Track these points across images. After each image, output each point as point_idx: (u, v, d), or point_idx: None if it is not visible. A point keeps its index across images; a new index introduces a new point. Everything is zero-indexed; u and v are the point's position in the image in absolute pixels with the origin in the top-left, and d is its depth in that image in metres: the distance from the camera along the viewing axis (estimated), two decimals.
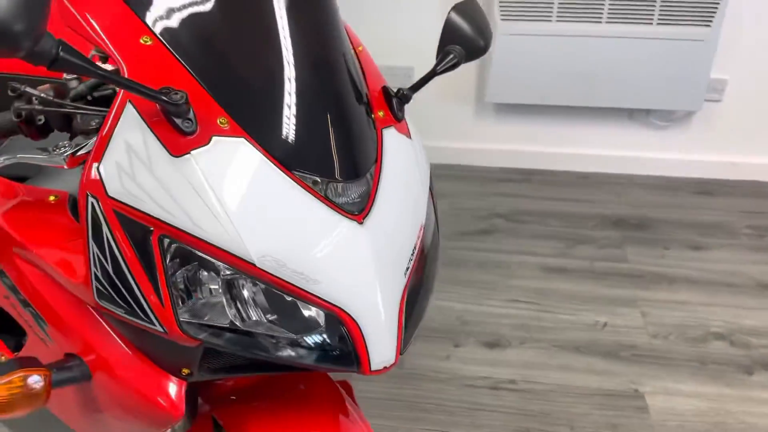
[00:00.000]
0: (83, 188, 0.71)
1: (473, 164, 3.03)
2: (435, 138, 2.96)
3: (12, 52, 0.58)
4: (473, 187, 2.88)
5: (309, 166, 0.76)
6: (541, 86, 2.70)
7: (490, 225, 2.59)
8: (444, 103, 2.95)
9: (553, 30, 2.57)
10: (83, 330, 0.81)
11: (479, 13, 1.05)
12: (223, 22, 0.79)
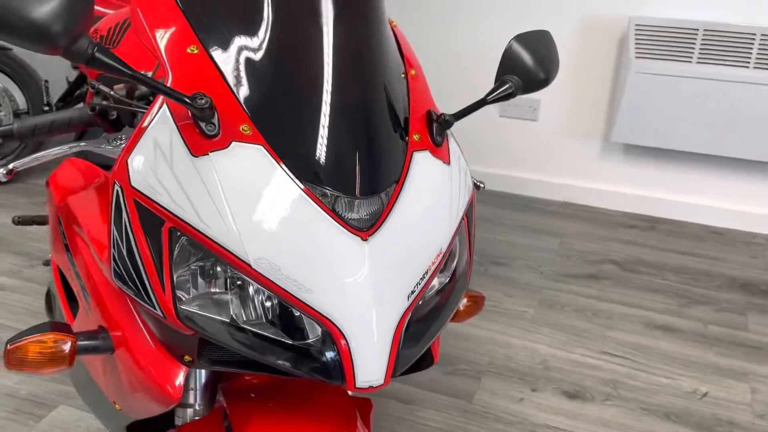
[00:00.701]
0: (113, 176, 0.79)
1: (594, 205, 2.90)
2: (556, 173, 2.88)
3: (50, 49, 0.67)
4: (590, 228, 2.75)
5: (320, 179, 0.79)
6: (674, 130, 2.52)
7: (599, 270, 2.45)
8: (569, 138, 2.85)
9: (692, 72, 2.40)
10: (113, 306, 0.89)
11: (545, 44, 1.02)
12: (266, 37, 0.84)
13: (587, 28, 2.63)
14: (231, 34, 0.84)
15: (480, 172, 3.06)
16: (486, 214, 2.86)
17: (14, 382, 1.85)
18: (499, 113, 2.91)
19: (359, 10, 0.91)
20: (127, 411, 0.97)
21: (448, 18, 2.81)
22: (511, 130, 2.92)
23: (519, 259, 2.52)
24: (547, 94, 2.80)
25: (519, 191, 3.03)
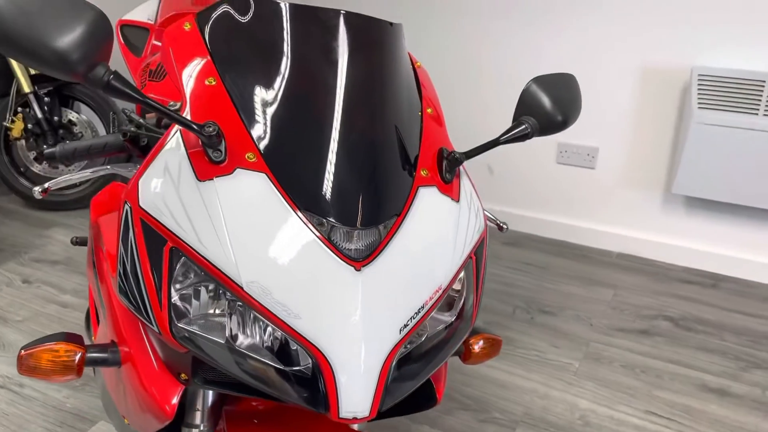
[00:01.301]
0: (124, 196, 0.84)
1: (652, 258, 2.79)
2: (613, 223, 2.80)
3: (70, 75, 0.73)
4: (647, 282, 2.64)
5: (319, 208, 0.81)
6: (738, 184, 2.42)
7: (652, 326, 2.35)
8: (628, 188, 2.78)
9: (757, 124, 2.30)
10: (124, 322, 0.93)
11: (566, 86, 1.02)
12: (281, 73, 0.88)
13: (648, 76, 2.58)
14: (248, 68, 0.88)
15: (533, 218, 3.01)
16: (537, 260, 2.80)
17: (63, 395, 1.94)
18: (556, 159, 2.87)
19: (375, 49, 0.94)
20: (133, 425, 1.01)
21: (508, 63, 2.83)
22: (568, 177, 2.88)
23: (568, 309, 2.44)
24: (606, 142, 2.75)
25: (573, 239, 2.96)
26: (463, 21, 2.84)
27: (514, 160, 2.96)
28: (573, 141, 2.81)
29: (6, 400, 1.92)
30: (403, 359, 0.87)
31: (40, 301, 2.44)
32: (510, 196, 3.03)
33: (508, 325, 2.33)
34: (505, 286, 2.59)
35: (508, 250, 2.89)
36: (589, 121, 2.74)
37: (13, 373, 2.03)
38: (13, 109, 3.06)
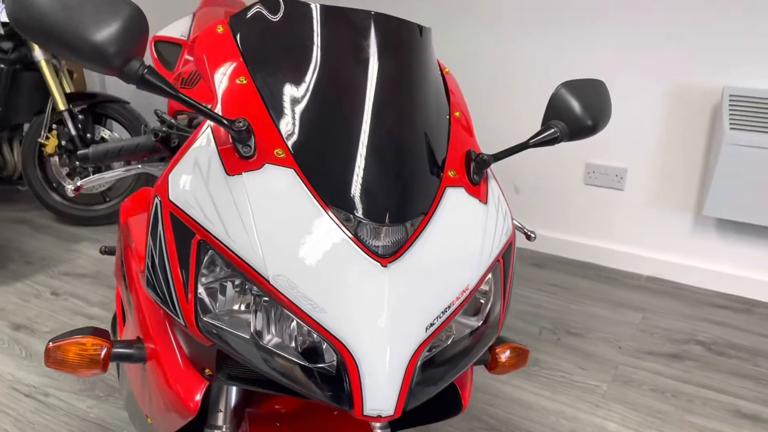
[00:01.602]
0: (154, 190, 0.85)
1: (683, 282, 2.73)
2: (642, 246, 2.76)
3: (106, 69, 0.74)
4: (677, 306, 2.58)
5: (345, 204, 0.81)
6: None
7: (683, 350, 2.29)
8: (658, 210, 2.74)
9: None
10: (151, 319, 0.93)
11: (595, 92, 1.01)
12: (311, 73, 0.89)
13: (678, 96, 2.56)
14: (279, 67, 0.89)
15: (560, 240, 2.98)
16: (564, 282, 2.76)
17: (86, 405, 1.94)
18: (584, 180, 2.85)
19: (404, 51, 0.95)
20: (156, 425, 1.00)
21: (536, 74, 2.83)
22: (596, 199, 2.84)
23: (596, 331, 2.40)
24: (635, 163, 2.72)
25: (601, 262, 2.91)
26: (494, 31, 2.86)
27: (540, 180, 2.94)
28: (601, 162, 2.78)
29: (31, 408, 1.93)
30: (428, 362, 0.86)
31: (67, 313, 2.47)
32: (536, 217, 3.01)
33: (534, 346, 2.29)
34: (531, 306, 2.56)
35: (534, 271, 2.85)
36: (618, 142, 2.72)
37: (40, 383, 2.05)
38: (48, 126, 3.14)
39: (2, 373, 2.10)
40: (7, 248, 3.02)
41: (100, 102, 3.21)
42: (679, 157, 2.63)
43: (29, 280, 2.73)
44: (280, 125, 0.84)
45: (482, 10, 2.84)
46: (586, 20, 2.63)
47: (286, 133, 0.84)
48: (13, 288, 2.66)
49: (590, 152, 2.79)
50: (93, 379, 2.06)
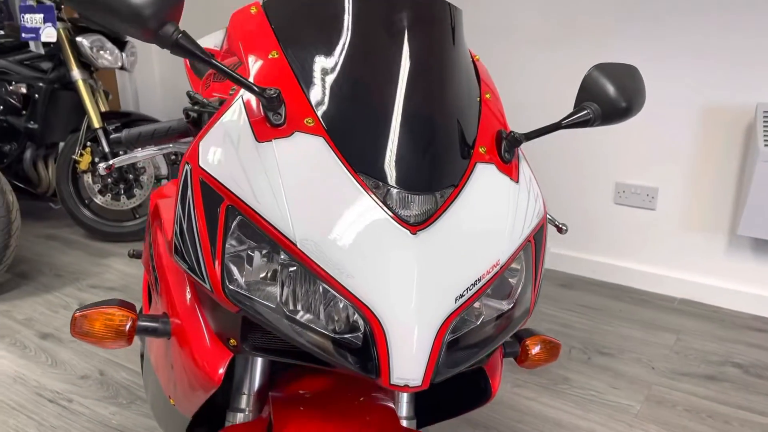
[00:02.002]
0: (185, 158, 0.85)
1: (718, 305, 2.65)
2: (675, 268, 2.70)
3: (141, 32, 0.75)
4: (712, 328, 2.51)
5: (374, 171, 0.80)
6: None
7: (719, 372, 2.21)
8: (690, 230, 2.68)
9: None
10: (177, 295, 0.93)
11: (628, 74, 1.00)
12: (341, 47, 0.89)
13: (710, 113, 2.52)
14: (310, 42, 0.90)
15: (590, 261, 2.92)
16: (594, 303, 2.70)
17: (109, 412, 1.94)
18: (614, 200, 2.81)
19: (436, 26, 0.94)
20: (178, 404, 0.99)
21: (566, 92, 2.82)
22: (627, 219, 2.80)
23: (628, 351, 2.33)
24: (667, 182, 2.68)
25: (632, 284, 2.85)
26: (527, 47, 2.86)
27: (569, 199, 2.91)
28: (631, 181, 2.74)
29: (54, 414, 1.93)
30: (457, 340, 0.83)
31: None
32: (565, 237, 2.96)
33: (564, 365, 2.23)
34: (561, 326, 2.50)
35: (563, 292, 2.80)
36: (649, 160, 2.68)
37: (64, 389, 2.05)
38: (83, 143, 3.20)
39: (28, 379, 2.11)
40: (38, 262, 3.07)
41: (133, 121, 3.27)
42: (713, 176, 2.58)
43: (58, 292, 2.76)
44: (311, 96, 0.84)
45: (497, 26, 2.85)
46: (618, 37, 2.63)
47: (316, 103, 0.84)
48: (43, 299, 2.68)
49: (620, 171, 2.76)
50: (116, 387, 2.06)
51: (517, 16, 2.83)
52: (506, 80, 2.86)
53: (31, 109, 3.23)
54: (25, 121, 3.24)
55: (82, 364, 2.20)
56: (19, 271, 2.95)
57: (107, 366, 2.19)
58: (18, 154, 3.34)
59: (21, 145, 3.32)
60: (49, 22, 3.04)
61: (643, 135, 2.67)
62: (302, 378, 1.00)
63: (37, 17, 3.05)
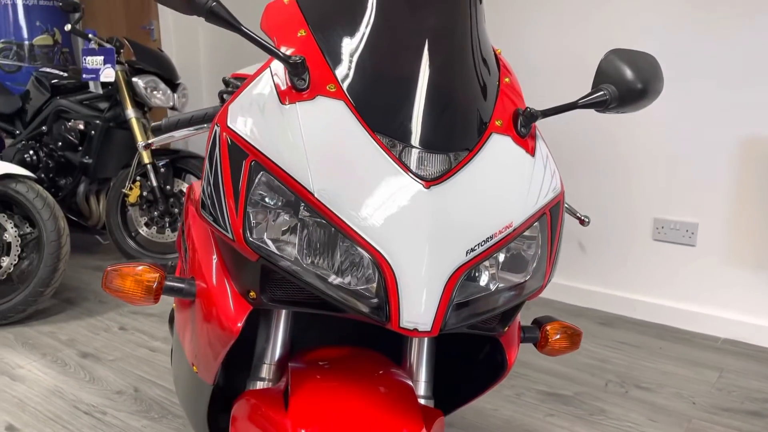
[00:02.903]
0: (215, 120, 0.91)
1: (763, 345, 2.55)
2: (717, 306, 2.63)
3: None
4: (757, 367, 2.41)
5: (391, 130, 0.84)
6: None
7: (765, 408, 2.11)
8: (733, 267, 2.61)
9: None
10: (204, 260, 0.97)
11: (645, 59, 1.02)
12: (365, 23, 0.94)
13: (750, 146, 2.50)
14: (337, 21, 0.96)
15: (628, 299, 2.86)
16: (633, 340, 2.63)
17: (141, 425, 1.96)
18: (652, 236, 2.77)
19: (456, 10, 0.98)
20: (200, 369, 1.01)
21: (605, 131, 2.83)
22: (666, 255, 2.74)
23: (667, 386, 2.25)
24: (707, 217, 2.63)
25: (673, 323, 2.76)
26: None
27: (607, 236, 2.88)
28: (670, 217, 2.71)
29: (89, 425, 1.97)
30: (469, 302, 0.85)
31: (132, 345, 2.54)
32: (603, 275, 2.92)
33: (599, 396, 2.17)
34: (598, 361, 2.44)
35: (601, 330, 2.74)
36: (688, 195, 2.65)
37: (99, 403, 2.09)
38: (133, 177, 3.35)
39: (65, 392, 2.16)
40: (84, 290, 3.17)
41: (181, 157, 3.41)
42: (755, 210, 2.53)
43: (101, 316, 2.84)
44: (334, 66, 0.90)
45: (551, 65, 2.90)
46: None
47: (338, 72, 0.89)
48: (85, 322, 2.77)
49: (658, 207, 2.73)
50: (149, 402, 2.09)
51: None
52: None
53: (86, 145, 3.41)
54: (80, 156, 3.42)
55: (118, 380, 2.25)
56: (66, 297, 3.06)
57: (141, 383, 2.23)
58: (72, 187, 3.51)
59: (76, 179, 3.49)
60: (109, 63, 3.25)
61: (682, 169, 2.66)
62: (321, 351, 1.02)
63: (98, 59, 3.26)
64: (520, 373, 2.32)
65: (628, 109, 1.01)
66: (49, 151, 3.50)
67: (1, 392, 2.16)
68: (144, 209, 3.39)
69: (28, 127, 3.56)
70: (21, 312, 2.68)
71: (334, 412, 0.87)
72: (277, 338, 1.00)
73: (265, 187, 0.84)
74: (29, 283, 2.66)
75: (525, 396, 2.17)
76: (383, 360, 1.02)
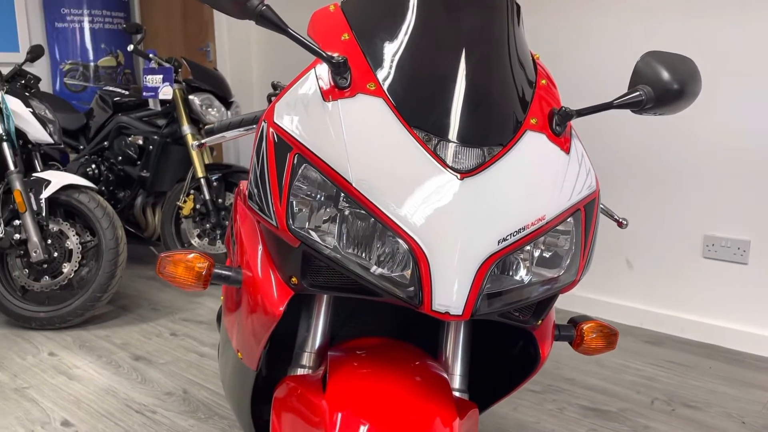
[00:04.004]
0: (262, 117, 0.97)
1: None
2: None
3: (230, 3, 0.88)
4: None
5: (426, 125, 0.88)
6: None
7: None
8: None
9: None
10: (250, 250, 1.03)
11: (682, 61, 1.03)
12: (405, 27, 0.99)
13: None
14: (377, 26, 1.01)
15: (677, 318, 2.80)
16: (682, 360, 2.57)
17: (188, 424, 2.03)
18: (702, 254, 2.71)
19: (494, 15, 1.02)
20: (244, 355, 1.06)
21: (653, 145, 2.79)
22: (716, 274, 2.68)
23: (716, 406, 2.20)
24: (760, 234, 2.57)
25: (723, 343, 2.69)
26: None
27: (655, 254, 2.83)
28: (721, 234, 2.65)
29: (139, 422, 2.04)
30: (502, 292, 0.88)
31: (182, 350, 2.63)
32: (650, 293, 2.87)
33: (644, 413, 2.13)
34: (644, 379, 2.40)
35: (649, 348, 2.69)
36: (739, 212, 2.60)
37: (150, 402, 2.17)
38: (187, 191, 3.48)
39: (118, 391, 2.25)
40: (138, 298, 3.29)
41: (234, 172, 3.53)
42: None
43: (153, 322, 2.94)
44: (374, 67, 0.95)
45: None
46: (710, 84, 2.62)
47: (379, 72, 0.94)
48: (139, 328, 2.88)
49: (708, 223, 2.68)
50: (197, 403, 2.16)
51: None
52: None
53: (144, 160, 3.56)
54: (138, 170, 3.58)
55: (169, 382, 2.33)
56: (121, 304, 3.18)
57: (190, 385, 2.30)
58: (130, 200, 3.67)
59: (133, 192, 3.64)
60: (167, 81, 3.40)
61: (733, 184, 2.61)
62: (359, 341, 1.06)
63: (157, 78, 3.42)
64: (562, 388, 2.30)
65: (665, 111, 1.02)
66: (109, 165, 3.67)
67: (59, 390, 2.26)
68: (197, 221, 3.51)
69: (91, 142, 3.74)
70: (79, 316, 2.81)
71: (369, 396, 0.91)
72: (318, 327, 1.04)
73: (307, 178, 0.89)
74: (88, 288, 2.79)
75: (567, 410, 2.15)
76: (420, 352, 1.05)
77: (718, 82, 2.57)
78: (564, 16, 2.94)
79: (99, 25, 4.62)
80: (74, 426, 2.02)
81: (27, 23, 4.57)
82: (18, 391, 2.25)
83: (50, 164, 3.51)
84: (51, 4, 4.57)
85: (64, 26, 4.57)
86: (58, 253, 2.81)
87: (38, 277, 2.81)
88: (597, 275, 2.99)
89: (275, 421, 0.97)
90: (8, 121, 2.84)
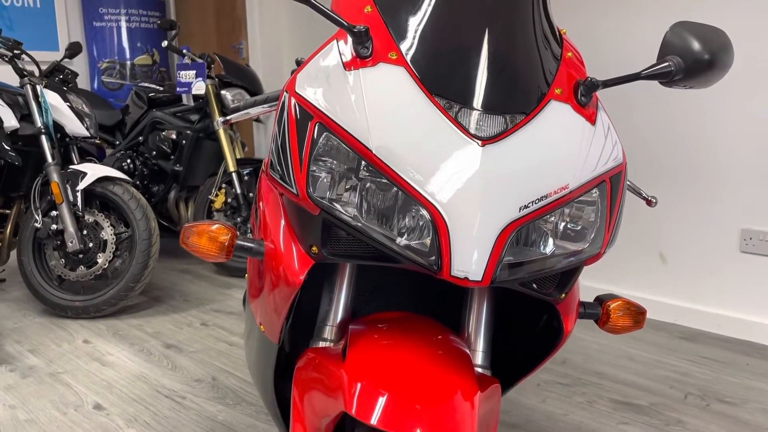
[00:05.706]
0: (284, 87, 0.97)
1: None
2: None
3: None
4: None
5: (448, 93, 0.88)
6: None
7: None
8: None
9: None
10: (271, 223, 1.03)
11: (714, 33, 1.00)
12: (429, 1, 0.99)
13: None
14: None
15: (713, 314, 2.73)
16: (718, 356, 2.51)
17: (216, 410, 2.05)
18: (739, 248, 2.64)
19: None
20: (266, 327, 1.07)
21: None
22: (755, 268, 2.61)
23: (752, 402, 2.13)
24: None
25: (759, 339, 2.61)
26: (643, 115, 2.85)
27: (690, 247, 2.77)
28: (759, 227, 2.58)
29: (168, 407, 2.07)
30: (527, 262, 0.86)
31: (212, 339, 2.66)
32: (686, 288, 2.80)
33: (677, 408, 2.08)
34: (678, 374, 2.34)
35: (683, 344, 2.63)
36: None
37: (179, 388, 2.20)
38: (219, 185, 3.52)
39: (149, 377, 2.29)
40: (170, 290, 3.34)
41: None
42: None
43: (185, 313, 2.99)
44: (396, 36, 0.95)
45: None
46: (740, 77, 2.56)
47: (401, 42, 0.94)
48: (170, 318, 2.92)
49: (746, 216, 2.61)
50: (225, 390, 2.18)
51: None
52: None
53: (178, 154, 3.62)
54: (172, 164, 3.63)
55: (198, 370, 2.36)
56: (154, 295, 3.23)
57: (219, 373, 2.32)
58: (164, 194, 3.73)
59: (167, 186, 3.70)
60: (200, 77, 3.45)
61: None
62: (381, 314, 1.05)
63: (190, 73, 3.48)
64: (592, 381, 2.27)
65: (696, 83, 0.99)
66: (144, 160, 3.74)
67: (92, 375, 2.31)
68: (228, 215, 3.55)
69: (127, 137, 3.82)
70: (113, 305, 2.86)
71: (389, 367, 0.90)
72: (340, 301, 1.04)
73: (328, 147, 0.89)
74: (121, 278, 2.85)
75: (597, 404, 2.11)
76: (442, 327, 1.05)
77: (759, 70, 2.50)
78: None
79: (135, 24, 4.72)
80: (106, 409, 2.06)
81: (66, 22, 4.69)
82: (53, 376, 2.30)
83: (87, 159, 3.59)
84: (89, 4, 4.69)
85: (102, 25, 4.68)
86: (93, 243, 2.87)
87: (74, 266, 2.88)
88: (629, 271, 2.93)
89: (296, 390, 0.97)
90: (47, 115, 2.91)
